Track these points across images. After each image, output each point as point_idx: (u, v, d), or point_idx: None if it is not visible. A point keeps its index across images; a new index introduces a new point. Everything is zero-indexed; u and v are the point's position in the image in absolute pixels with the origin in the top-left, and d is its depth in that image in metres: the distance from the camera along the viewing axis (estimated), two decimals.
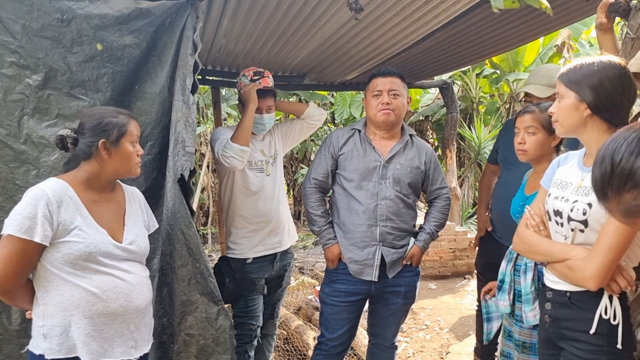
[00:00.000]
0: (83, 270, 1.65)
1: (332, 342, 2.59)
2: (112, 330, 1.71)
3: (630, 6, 2.05)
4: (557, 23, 3.28)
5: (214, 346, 2.06)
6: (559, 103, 1.68)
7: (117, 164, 1.76)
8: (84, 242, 1.65)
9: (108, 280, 1.69)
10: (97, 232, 1.70)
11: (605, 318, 1.57)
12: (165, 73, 2.08)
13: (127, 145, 1.76)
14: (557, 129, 1.73)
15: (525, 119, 2.24)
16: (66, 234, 1.63)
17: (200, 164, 8.41)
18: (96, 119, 1.72)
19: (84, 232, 1.66)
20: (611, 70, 1.60)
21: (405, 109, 2.56)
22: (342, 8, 2.56)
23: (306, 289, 4.84)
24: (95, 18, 1.92)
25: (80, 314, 1.65)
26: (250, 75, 2.82)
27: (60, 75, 1.92)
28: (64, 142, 1.71)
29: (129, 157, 1.78)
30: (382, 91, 2.48)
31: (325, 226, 2.59)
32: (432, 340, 4.29)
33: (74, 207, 1.67)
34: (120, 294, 1.71)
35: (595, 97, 1.59)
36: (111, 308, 1.70)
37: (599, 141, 1.63)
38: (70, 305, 1.64)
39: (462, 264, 6.09)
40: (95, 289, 1.66)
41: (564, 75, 1.68)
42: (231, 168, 2.65)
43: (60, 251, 1.63)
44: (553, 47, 8.27)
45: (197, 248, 2.03)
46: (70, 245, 1.63)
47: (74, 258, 1.63)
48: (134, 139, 1.79)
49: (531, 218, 1.81)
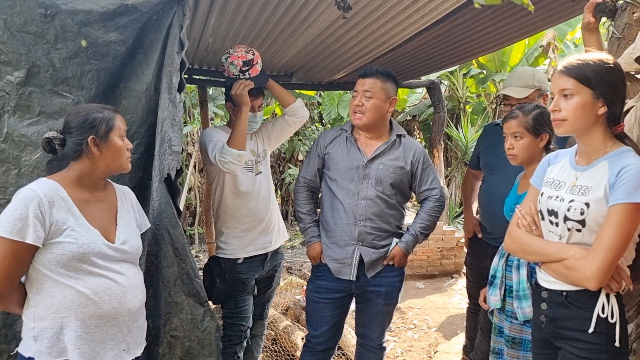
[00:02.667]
0: (76, 272, 1.63)
1: (316, 339, 2.60)
2: (104, 333, 1.69)
3: (616, 6, 2.07)
4: (543, 23, 3.31)
5: (199, 348, 2.03)
6: (569, 101, 1.59)
7: (108, 159, 1.74)
8: (76, 242, 1.62)
9: (101, 282, 1.67)
10: (90, 232, 1.67)
11: (603, 317, 1.57)
12: (152, 71, 2.04)
13: (116, 139, 1.74)
14: (563, 128, 1.62)
15: (511, 124, 2.27)
16: (58, 235, 1.60)
17: (187, 164, 8.35)
18: (82, 116, 1.70)
19: (76, 232, 1.64)
20: (618, 67, 1.59)
21: (381, 110, 2.51)
22: (330, 7, 2.55)
23: (294, 289, 4.83)
24: (79, 14, 1.88)
25: (72, 316, 1.63)
26: (240, 65, 2.71)
27: (44, 71, 1.88)
28: (51, 144, 1.68)
29: (119, 151, 1.76)
30: (358, 92, 2.50)
31: (310, 224, 2.62)
32: (420, 340, 4.29)
33: (66, 208, 1.65)
34: (113, 296, 1.69)
35: (612, 95, 1.56)
36: (103, 310, 1.67)
37: (601, 141, 1.61)
38: (62, 307, 1.62)
39: (449, 263, 6.11)
40: (88, 290, 1.64)
41: (571, 71, 1.59)
42: (229, 173, 2.62)
43: (53, 252, 1.60)
44: (539, 47, 8.33)
45: (183, 248, 2.00)
46: (63, 246, 1.60)
47: (66, 259, 1.61)
48: (122, 133, 1.77)
49: (522, 218, 1.79)
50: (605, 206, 1.53)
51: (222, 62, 2.78)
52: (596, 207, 1.55)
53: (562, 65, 1.63)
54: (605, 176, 1.55)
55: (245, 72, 2.71)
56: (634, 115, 1.86)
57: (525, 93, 2.71)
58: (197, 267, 2.06)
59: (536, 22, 3.17)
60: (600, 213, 1.54)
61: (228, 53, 2.75)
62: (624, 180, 1.49)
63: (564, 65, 1.62)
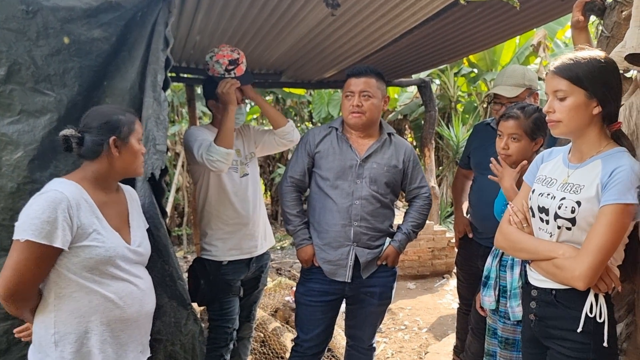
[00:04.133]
0: (101, 276, 1.62)
1: (308, 342, 2.55)
2: (127, 336, 1.70)
3: (605, 5, 2.07)
4: (533, 22, 3.31)
5: (182, 352, 1.99)
6: (563, 102, 1.57)
7: (126, 161, 1.73)
8: (103, 246, 1.61)
9: (124, 286, 1.68)
10: (113, 235, 1.67)
11: (591, 316, 1.56)
12: (136, 69, 2.00)
13: (135, 142, 1.75)
14: (558, 129, 1.60)
15: (510, 125, 2.19)
16: (85, 238, 1.58)
17: (175, 164, 8.30)
18: (105, 117, 1.70)
19: (102, 235, 1.62)
20: (611, 64, 1.57)
21: (379, 109, 2.51)
22: (319, 4, 2.53)
23: (283, 290, 4.78)
24: (62, 10, 1.84)
25: (97, 320, 1.62)
26: (225, 64, 2.68)
27: (25, 69, 1.83)
28: (68, 142, 1.65)
29: (137, 154, 1.76)
30: (354, 92, 2.44)
31: (301, 226, 2.55)
32: (410, 341, 4.28)
33: (90, 210, 1.63)
34: (135, 299, 1.71)
35: (606, 94, 1.54)
36: (127, 314, 1.69)
37: (596, 139, 1.60)
38: (88, 312, 1.61)
39: (440, 264, 6.10)
40: (113, 295, 1.64)
41: (564, 71, 1.57)
42: (216, 171, 2.58)
43: (79, 256, 1.58)
44: (529, 46, 8.38)
45: (166, 249, 1.96)
46: (90, 249, 1.58)
47: (94, 263, 1.59)
48: (140, 137, 1.78)
49: (514, 214, 1.78)
50: (596, 205, 1.52)
51: (207, 61, 2.74)
52: (587, 206, 1.54)
53: (554, 66, 1.61)
54: (598, 175, 1.54)
55: (231, 72, 2.68)
56: (622, 114, 1.85)
57: (516, 92, 2.69)
58: (180, 269, 2.03)
59: (526, 20, 3.18)
60: (591, 212, 1.53)
61: (213, 52, 2.71)
62: (616, 181, 1.48)
63: (556, 65, 1.60)
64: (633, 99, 1.84)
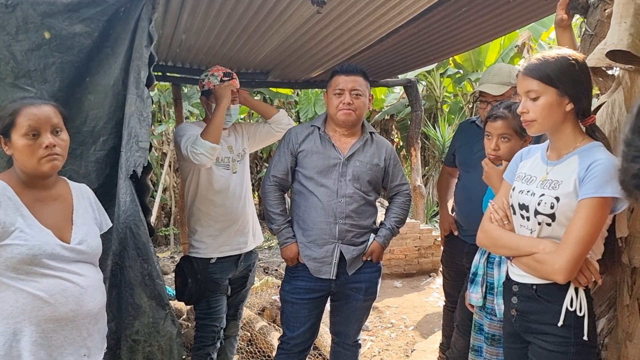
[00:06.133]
0: (27, 275, 1.53)
1: (294, 340, 2.55)
2: (62, 337, 1.59)
3: (588, 3, 2.08)
4: (517, 22, 3.34)
5: (159, 354, 1.95)
6: (535, 102, 1.60)
7: (19, 160, 1.60)
8: (26, 244, 1.53)
9: (56, 283, 1.57)
10: (41, 233, 1.58)
11: (572, 310, 1.58)
12: (119, 65, 1.98)
13: (16, 138, 1.58)
14: (534, 128, 1.64)
15: (499, 125, 2.18)
16: (6, 237, 1.51)
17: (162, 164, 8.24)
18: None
19: (25, 233, 1.54)
20: (581, 61, 1.60)
21: (366, 108, 2.54)
22: (305, 3, 2.52)
23: (270, 289, 4.77)
24: (42, 4, 1.81)
25: (26, 320, 1.53)
26: (220, 76, 2.75)
27: (4, 64, 1.80)
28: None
29: (23, 151, 1.58)
30: (344, 90, 2.44)
31: (284, 225, 2.55)
32: (397, 339, 4.29)
33: (14, 208, 1.56)
34: (70, 297, 1.59)
35: (577, 90, 1.57)
36: (60, 313, 1.57)
37: (571, 136, 1.63)
38: (15, 312, 1.52)
39: (427, 262, 6.12)
40: (42, 292, 1.54)
41: (533, 72, 1.60)
42: (199, 165, 2.57)
43: (1, 255, 1.51)
44: (514, 47, 8.46)
45: (145, 248, 1.92)
46: (11, 248, 1.51)
47: (16, 262, 1.51)
48: (25, 131, 1.57)
49: (495, 212, 1.80)
50: (574, 200, 1.54)
51: (201, 80, 2.81)
52: (566, 201, 1.56)
53: (524, 67, 1.64)
54: (575, 171, 1.57)
55: (226, 81, 2.76)
56: (605, 112, 1.87)
57: (502, 90, 2.71)
58: (160, 269, 1.99)
59: (510, 20, 3.20)
60: (570, 207, 1.55)
61: (207, 71, 2.81)
62: (592, 175, 1.50)
63: (526, 66, 1.63)
64: (615, 96, 1.86)
